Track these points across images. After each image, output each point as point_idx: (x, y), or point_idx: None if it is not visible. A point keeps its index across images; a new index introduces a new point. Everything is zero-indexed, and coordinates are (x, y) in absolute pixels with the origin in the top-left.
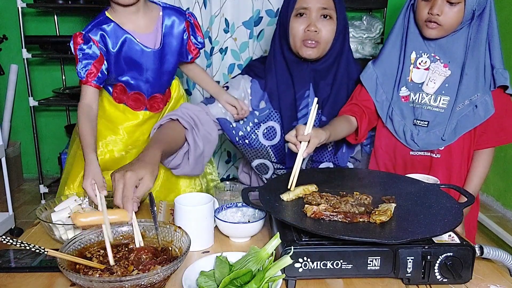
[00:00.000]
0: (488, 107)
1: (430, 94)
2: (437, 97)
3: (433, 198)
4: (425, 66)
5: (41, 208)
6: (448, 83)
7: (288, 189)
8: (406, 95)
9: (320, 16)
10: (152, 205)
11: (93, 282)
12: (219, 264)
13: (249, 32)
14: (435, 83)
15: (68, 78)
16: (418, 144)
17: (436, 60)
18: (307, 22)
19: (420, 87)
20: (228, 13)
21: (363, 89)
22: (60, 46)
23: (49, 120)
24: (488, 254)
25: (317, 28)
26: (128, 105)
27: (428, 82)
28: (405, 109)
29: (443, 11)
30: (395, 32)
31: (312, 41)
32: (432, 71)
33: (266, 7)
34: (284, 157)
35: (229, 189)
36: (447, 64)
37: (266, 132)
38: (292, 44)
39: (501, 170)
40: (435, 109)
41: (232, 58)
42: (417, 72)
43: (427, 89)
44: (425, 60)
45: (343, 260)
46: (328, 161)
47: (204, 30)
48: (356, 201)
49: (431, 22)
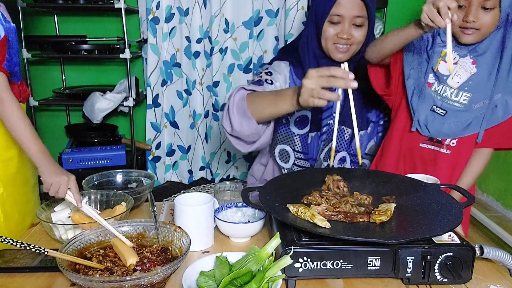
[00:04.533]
0: (508, 109)
1: (453, 89)
2: (459, 93)
3: (433, 198)
4: (454, 60)
5: (41, 208)
6: (472, 80)
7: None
8: (431, 82)
9: (352, 24)
10: (152, 205)
11: (93, 282)
12: (219, 264)
13: (249, 32)
14: (460, 78)
15: (68, 78)
16: (430, 130)
17: (466, 55)
18: (340, 28)
19: (445, 79)
20: (228, 13)
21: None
22: (60, 46)
23: (49, 120)
24: (488, 254)
25: (350, 35)
26: None
27: (453, 76)
28: (427, 94)
29: (478, 17)
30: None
31: (343, 45)
32: (460, 65)
33: (266, 7)
34: (307, 147)
35: (229, 189)
36: (475, 61)
37: (298, 120)
38: (324, 45)
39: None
40: (455, 103)
41: (232, 58)
42: (444, 65)
43: (451, 82)
44: (455, 55)
45: (343, 260)
46: (344, 150)
47: (204, 30)
48: (356, 201)
49: (467, 28)
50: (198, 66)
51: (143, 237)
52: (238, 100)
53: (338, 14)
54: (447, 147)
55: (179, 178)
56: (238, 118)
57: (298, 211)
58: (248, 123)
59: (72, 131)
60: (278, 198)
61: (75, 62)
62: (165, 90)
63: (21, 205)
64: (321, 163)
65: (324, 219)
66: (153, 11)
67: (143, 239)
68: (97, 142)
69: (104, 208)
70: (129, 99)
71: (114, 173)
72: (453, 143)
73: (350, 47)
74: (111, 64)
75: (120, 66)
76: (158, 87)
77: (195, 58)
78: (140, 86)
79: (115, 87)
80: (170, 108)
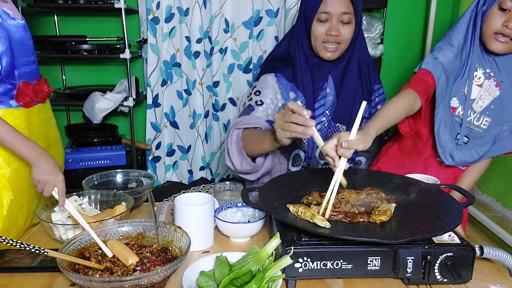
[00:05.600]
0: None
1: (476, 113)
2: (481, 117)
3: (433, 198)
4: (479, 82)
5: (41, 208)
6: (493, 104)
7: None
8: (455, 106)
9: (340, 21)
10: (152, 205)
11: (93, 282)
12: (219, 264)
13: (249, 32)
14: (484, 102)
15: (68, 78)
16: (454, 160)
17: (490, 77)
18: (329, 26)
19: (471, 103)
20: (228, 13)
21: (429, 75)
22: (60, 46)
23: None
24: (488, 254)
25: (338, 32)
26: None
27: (478, 100)
28: (451, 121)
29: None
30: (458, 37)
31: (332, 44)
32: (484, 89)
33: (266, 7)
34: (310, 146)
35: (229, 189)
36: (499, 83)
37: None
38: (313, 44)
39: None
40: (476, 128)
41: (232, 58)
42: (472, 87)
43: (475, 107)
44: (480, 75)
45: (343, 260)
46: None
47: (204, 30)
48: (367, 197)
49: (503, 35)
50: (198, 66)
51: (143, 237)
52: (235, 140)
53: (326, 12)
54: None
55: (179, 178)
56: (238, 157)
57: (298, 211)
58: (246, 161)
59: (72, 131)
60: (278, 198)
61: (75, 62)
62: (165, 90)
63: (26, 210)
64: (318, 162)
65: (324, 219)
66: (153, 11)
67: (143, 239)
68: (97, 142)
69: (104, 208)
70: (129, 99)
71: (114, 173)
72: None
73: (338, 46)
74: (111, 64)
75: (120, 66)
76: (158, 87)
77: (195, 58)
78: (140, 86)
79: (115, 87)
80: (170, 108)
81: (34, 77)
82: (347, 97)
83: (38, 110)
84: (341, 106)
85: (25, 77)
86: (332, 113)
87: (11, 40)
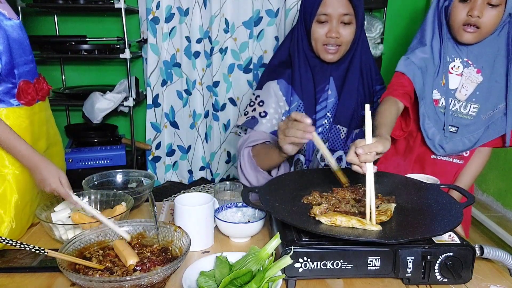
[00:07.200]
0: None
1: (462, 102)
2: (467, 105)
3: (433, 198)
4: (458, 71)
5: (41, 208)
6: (479, 90)
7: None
8: (437, 99)
9: (340, 22)
10: (152, 205)
11: (93, 282)
12: (219, 264)
13: (249, 32)
14: (467, 90)
15: (68, 78)
16: (445, 150)
17: (469, 65)
18: (329, 27)
19: (453, 93)
20: (228, 13)
21: (403, 77)
22: (60, 46)
23: None
24: (488, 254)
25: (338, 34)
26: None
27: (461, 88)
28: (435, 113)
29: (484, 13)
30: (428, 36)
31: (333, 46)
32: (466, 77)
33: (266, 7)
34: (310, 149)
35: (229, 189)
36: (480, 69)
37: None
38: (314, 46)
39: (501, 170)
40: (464, 116)
41: (232, 58)
42: (450, 77)
43: (459, 96)
44: (458, 65)
45: (343, 260)
46: (341, 149)
47: (204, 30)
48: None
49: (470, 25)
50: (198, 66)
51: (143, 237)
52: (247, 158)
53: (325, 13)
54: (460, 157)
55: (179, 178)
56: (253, 174)
57: (337, 221)
58: (262, 175)
59: (72, 131)
60: (278, 198)
61: (75, 62)
62: (165, 90)
63: (28, 209)
64: (318, 163)
65: (374, 223)
66: (153, 11)
67: (143, 239)
68: (97, 142)
69: (104, 208)
70: (129, 99)
71: (114, 173)
72: (466, 153)
73: (339, 47)
74: (111, 64)
75: (120, 66)
76: (158, 87)
77: (195, 58)
78: (140, 86)
79: (115, 87)
80: (170, 108)
81: (34, 75)
82: (348, 99)
83: (39, 108)
84: (342, 108)
85: (25, 76)
86: (333, 115)
87: (9, 40)
